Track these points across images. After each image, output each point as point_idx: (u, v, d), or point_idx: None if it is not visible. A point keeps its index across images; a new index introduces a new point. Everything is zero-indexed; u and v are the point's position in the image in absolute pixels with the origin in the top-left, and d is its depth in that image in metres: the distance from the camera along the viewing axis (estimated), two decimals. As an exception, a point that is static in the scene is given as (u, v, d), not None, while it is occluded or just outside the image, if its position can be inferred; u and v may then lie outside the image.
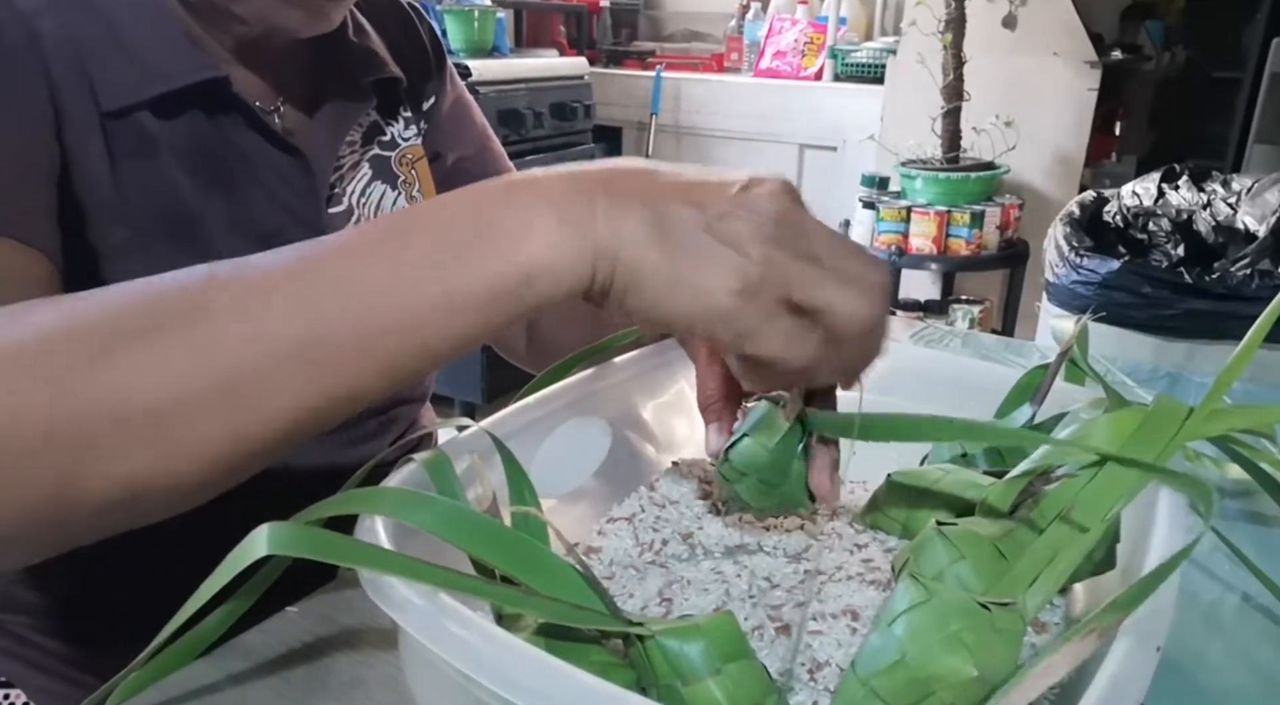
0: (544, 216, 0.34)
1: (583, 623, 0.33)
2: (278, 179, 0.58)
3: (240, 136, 0.56)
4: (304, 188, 0.59)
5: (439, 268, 0.34)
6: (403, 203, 0.67)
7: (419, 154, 0.69)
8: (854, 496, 0.56)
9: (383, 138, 0.67)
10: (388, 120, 0.67)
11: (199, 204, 0.54)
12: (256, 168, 0.57)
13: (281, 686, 0.43)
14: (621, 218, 0.34)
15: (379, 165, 0.66)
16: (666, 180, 0.35)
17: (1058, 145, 2.41)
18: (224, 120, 0.55)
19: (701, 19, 3.40)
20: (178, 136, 0.53)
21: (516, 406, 0.50)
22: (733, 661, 0.32)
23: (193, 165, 0.54)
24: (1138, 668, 0.29)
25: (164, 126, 0.53)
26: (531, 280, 0.34)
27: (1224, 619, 0.51)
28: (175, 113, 0.53)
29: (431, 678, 0.36)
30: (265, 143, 0.57)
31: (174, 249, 0.53)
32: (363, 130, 0.65)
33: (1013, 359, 0.89)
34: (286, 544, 0.33)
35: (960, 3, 2.13)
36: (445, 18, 2.37)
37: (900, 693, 0.32)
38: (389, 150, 0.67)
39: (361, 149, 0.65)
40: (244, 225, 0.56)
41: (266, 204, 0.57)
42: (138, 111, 0.52)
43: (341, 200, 0.62)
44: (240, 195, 0.56)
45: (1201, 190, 1.87)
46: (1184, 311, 1.57)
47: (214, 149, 0.55)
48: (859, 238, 2.35)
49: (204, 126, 0.54)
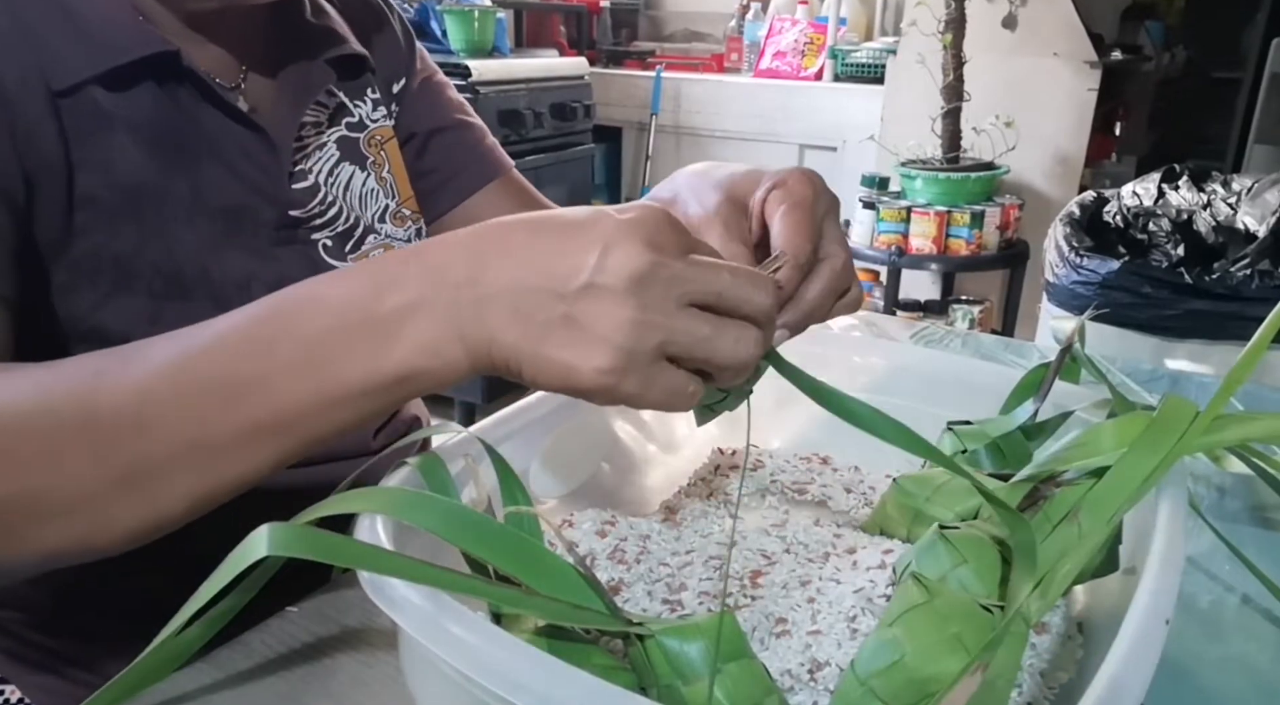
0: (415, 322, 0.36)
1: (582, 622, 0.33)
2: (240, 154, 0.57)
3: (199, 112, 0.56)
4: (268, 163, 0.58)
5: (310, 366, 0.36)
6: (372, 184, 0.67)
7: (388, 135, 0.69)
8: (859, 501, 0.56)
9: (350, 119, 0.67)
10: (354, 101, 0.67)
11: (160, 181, 0.54)
12: (218, 143, 0.56)
13: (282, 686, 0.43)
14: (488, 310, 0.35)
15: (347, 146, 0.66)
16: (528, 253, 0.36)
17: (1058, 145, 2.41)
18: (181, 95, 0.55)
19: (701, 19, 3.40)
20: (134, 113, 0.53)
21: (516, 406, 0.50)
22: (733, 661, 0.32)
23: (152, 143, 0.53)
24: (1139, 667, 0.29)
25: (119, 103, 0.52)
26: (405, 380, 0.36)
27: (1224, 620, 0.51)
28: (127, 86, 0.52)
29: (431, 678, 0.36)
30: (224, 117, 0.56)
31: (138, 226, 0.53)
32: (328, 111, 0.65)
33: (1013, 359, 0.89)
34: (286, 545, 0.33)
35: (960, 3, 2.13)
36: (445, 18, 2.37)
37: (899, 693, 0.32)
38: (357, 131, 0.67)
39: (328, 130, 0.65)
40: (207, 202, 0.55)
41: (230, 180, 0.57)
42: (88, 87, 0.51)
43: (307, 176, 0.62)
44: (202, 172, 0.56)
45: (1201, 190, 1.87)
46: (1184, 311, 1.57)
47: (173, 125, 0.54)
48: (859, 238, 2.34)
49: (161, 103, 0.54)
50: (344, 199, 0.64)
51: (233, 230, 0.56)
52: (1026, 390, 0.54)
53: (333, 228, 0.62)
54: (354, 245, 0.64)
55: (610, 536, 0.48)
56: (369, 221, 0.65)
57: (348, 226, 0.63)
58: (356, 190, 0.65)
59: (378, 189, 0.67)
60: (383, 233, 0.66)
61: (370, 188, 0.66)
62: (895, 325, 1.06)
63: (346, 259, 0.63)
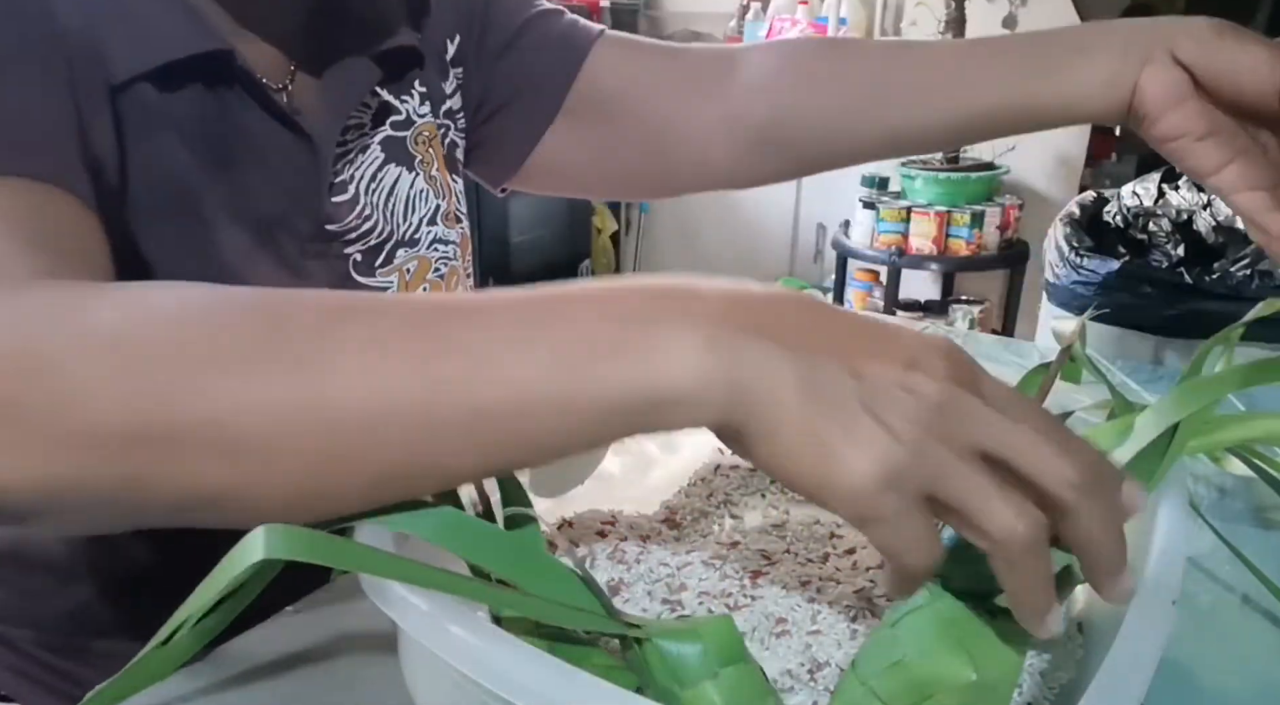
0: (689, 341, 0.31)
1: (579, 624, 0.33)
2: (281, 160, 0.55)
3: (246, 114, 0.54)
4: (309, 171, 0.56)
5: (565, 363, 0.31)
6: (421, 184, 0.64)
7: (433, 132, 0.66)
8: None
9: (396, 117, 0.63)
10: (400, 97, 0.64)
11: (200, 184, 0.52)
12: (260, 148, 0.54)
13: (281, 686, 0.42)
14: (773, 363, 0.31)
15: (393, 147, 0.62)
16: (829, 333, 0.32)
17: (1058, 145, 2.41)
18: (228, 96, 0.53)
19: (701, 19, 3.40)
20: (181, 112, 0.51)
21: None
22: (730, 665, 0.32)
23: (194, 143, 0.52)
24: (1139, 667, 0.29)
25: (166, 101, 0.51)
26: (658, 405, 0.31)
27: (1224, 620, 0.51)
28: (178, 86, 0.51)
29: (431, 678, 0.36)
30: (270, 120, 0.54)
31: (176, 230, 0.51)
32: (371, 111, 0.62)
33: (1013, 359, 0.89)
34: (283, 547, 0.32)
35: (960, 3, 2.13)
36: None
37: (899, 694, 0.32)
38: (403, 130, 0.63)
39: (372, 131, 0.62)
40: (243, 209, 0.54)
41: (268, 187, 0.55)
42: (139, 83, 0.50)
43: (347, 189, 0.59)
44: (241, 177, 0.54)
45: (1202, 190, 1.87)
46: (1184, 311, 1.57)
47: (217, 126, 0.53)
48: (859, 239, 2.34)
49: (208, 102, 0.52)
50: (383, 209, 0.62)
51: (268, 240, 0.55)
52: (1026, 390, 0.54)
53: (365, 241, 0.60)
54: (384, 260, 0.62)
55: (610, 536, 0.48)
56: (411, 229, 0.63)
57: (380, 240, 0.61)
58: (402, 194, 0.63)
59: (427, 189, 0.64)
60: (429, 239, 0.64)
61: (420, 189, 0.64)
62: (895, 325, 1.06)
63: (375, 274, 0.61)
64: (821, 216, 2.88)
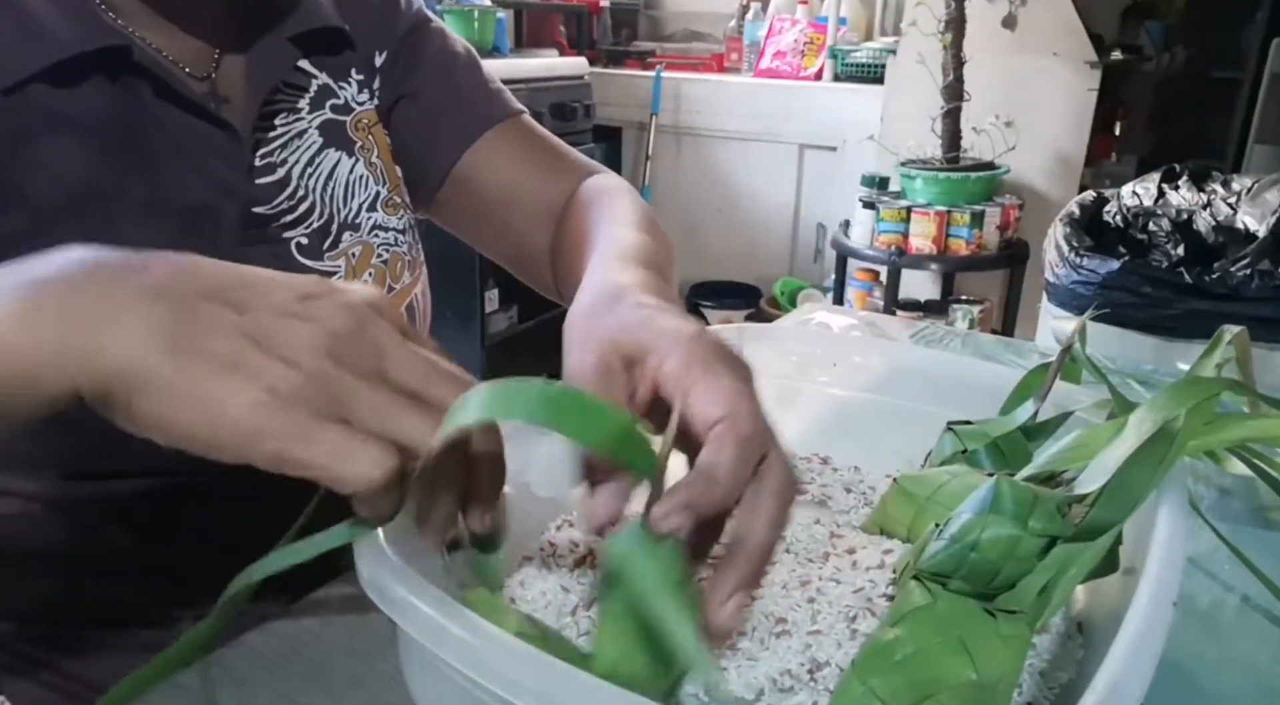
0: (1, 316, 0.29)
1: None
2: (207, 150, 0.54)
3: (159, 108, 0.52)
4: (232, 155, 0.55)
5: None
6: (361, 170, 0.63)
7: (373, 119, 0.66)
8: (859, 501, 0.56)
9: (335, 101, 0.63)
10: (339, 82, 0.64)
11: (112, 183, 0.51)
12: (181, 140, 0.53)
13: (281, 686, 0.43)
14: (116, 316, 0.29)
15: (332, 131, 0.62)
16: (208, 276, 0.32)
17: (1058, 145, 2.41)
18: (139, 91, 0.52)
19: (701, 19, 3.40)
20: (85, 111, 0.50)
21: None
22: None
23: (105, 142, 0.51)
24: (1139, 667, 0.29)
25: (68, 102, 0.50)
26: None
27: (1224, 620, 0.51)
28: (75, 83, 0.50)
29: (431, 678, 0.36)
30: (182, 112, 0.53)
31: (80, 232, 0.51)
32: (309, 94, 0.61)
33: (1013, 359, 0.89)
34: None
35: (960, 3, 2.13)
36: (445, 17, 2.37)
37: (899, 694, 0.32)
38: (343, 114, 0.63)
39: (310, 114, 0.61)
40: (166, 201, 0.53)
41: (193, 178, 0.54)
42: (34, 85, 0.49)
43: (276, 171, 0.58)
44: (162, 171, 0.53)
45: (1201, 190, 1.87)
46: (1184, 311, 1.57)
47: (129, 123, 0.52)
48: (859, 239, 2.34)
49: (116, 100, 0.51)
50: (321, 193, 0.61)
51: (191, 230, 0.54)
52: (1026, 390, 0.54)
53: (306, 224, 0.59)
54: (331, 243, 0.61)
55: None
56: (352, 214, 0.63)
57: (323, 223, 0.60)
58: (342, 178, 0.62)
59: (367, 175, 0.64)
60: (369, 224, 0.63)
61: (359, 174, 0.63)
62: (895, 325, 1.06)
63: (324, 258, 0.60)
64: (821, 216, 2.89)
